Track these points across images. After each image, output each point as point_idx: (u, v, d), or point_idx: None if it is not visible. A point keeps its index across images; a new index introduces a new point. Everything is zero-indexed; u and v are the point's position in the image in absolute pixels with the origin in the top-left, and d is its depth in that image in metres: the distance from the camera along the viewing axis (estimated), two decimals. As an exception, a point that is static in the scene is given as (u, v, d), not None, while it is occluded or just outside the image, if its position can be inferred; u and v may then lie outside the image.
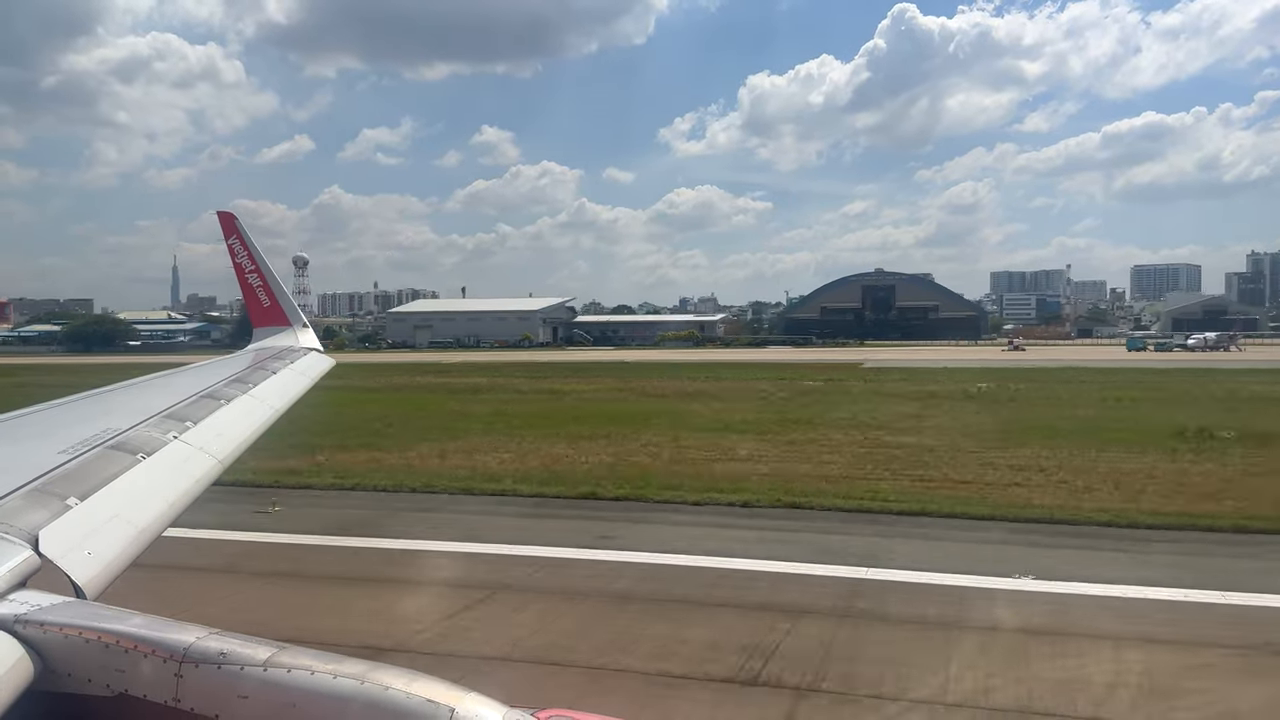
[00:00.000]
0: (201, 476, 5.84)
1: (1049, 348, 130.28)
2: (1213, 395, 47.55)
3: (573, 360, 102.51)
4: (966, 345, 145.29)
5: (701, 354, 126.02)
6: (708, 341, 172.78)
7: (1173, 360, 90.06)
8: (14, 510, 4.14)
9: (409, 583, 15.55)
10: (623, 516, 20.06)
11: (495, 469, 26.19)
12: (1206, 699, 10.45)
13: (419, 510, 21.35)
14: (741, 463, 26.88)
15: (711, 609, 13.70)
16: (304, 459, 26.27)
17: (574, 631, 12.88)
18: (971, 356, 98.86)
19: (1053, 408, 41.88)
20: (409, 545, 17.87)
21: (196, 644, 3.05)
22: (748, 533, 18.40)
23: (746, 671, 11.09)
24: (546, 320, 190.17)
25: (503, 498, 22.47)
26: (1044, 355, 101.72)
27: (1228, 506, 19.72)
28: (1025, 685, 10.56)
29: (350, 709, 2.85)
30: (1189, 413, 36.21)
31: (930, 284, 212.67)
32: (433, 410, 43.56)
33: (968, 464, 25.66)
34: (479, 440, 31.88)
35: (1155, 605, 13.53)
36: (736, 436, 32.37)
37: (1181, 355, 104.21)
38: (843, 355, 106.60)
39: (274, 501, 20.70)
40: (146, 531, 4.72)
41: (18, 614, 3.20)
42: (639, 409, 42.95)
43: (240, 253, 13.17)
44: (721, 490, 22.10)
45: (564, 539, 17.99)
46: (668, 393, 53.37)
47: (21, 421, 6.23)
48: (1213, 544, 17.19)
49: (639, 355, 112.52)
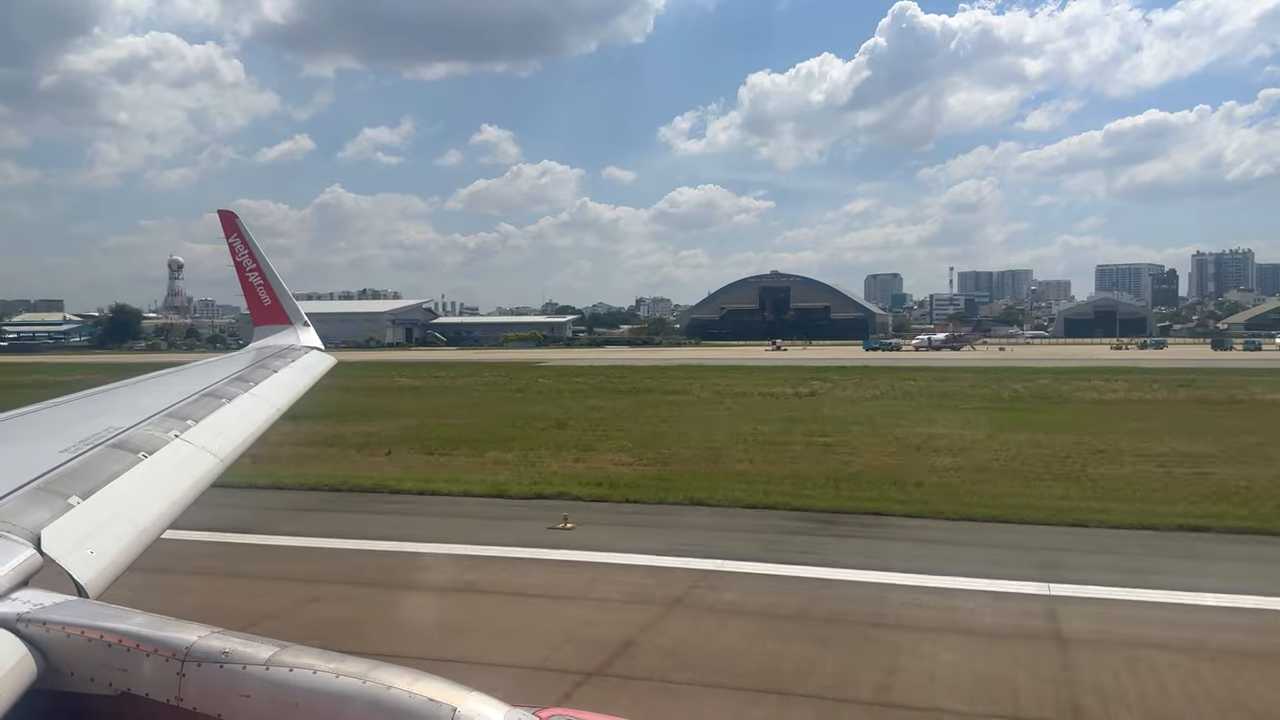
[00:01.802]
0: (203, 475, 5.85)
1: (830, 348, 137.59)
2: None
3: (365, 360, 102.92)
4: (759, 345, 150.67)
5: (518, 354, 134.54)
6: (550, 342, 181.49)
7: (881, 359, 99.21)
8: (16, 509, 4.14)
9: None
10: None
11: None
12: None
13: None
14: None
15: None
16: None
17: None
18: (732, 356, 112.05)
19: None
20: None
21: (199, 643, 3.06)
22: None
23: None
24: (399, 322, 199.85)
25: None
26: (801, 355, 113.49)
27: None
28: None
29: (352, 708, 2.85)
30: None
31: (823, 286, 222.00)
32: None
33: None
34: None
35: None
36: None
37: (904, 355, 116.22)
38: (602, 355, 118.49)
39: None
40: (148, 530, 4.72)
41: (20, 613, 3.21)
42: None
43: (241, 251, 13.17)
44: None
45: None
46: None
47: (23, 420, 6.23)
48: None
49: (459, 355, 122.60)
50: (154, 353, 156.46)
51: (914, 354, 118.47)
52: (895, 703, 10.04)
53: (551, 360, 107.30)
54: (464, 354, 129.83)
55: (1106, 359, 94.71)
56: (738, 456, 27.79)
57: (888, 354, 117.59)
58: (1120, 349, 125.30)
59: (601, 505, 20.86)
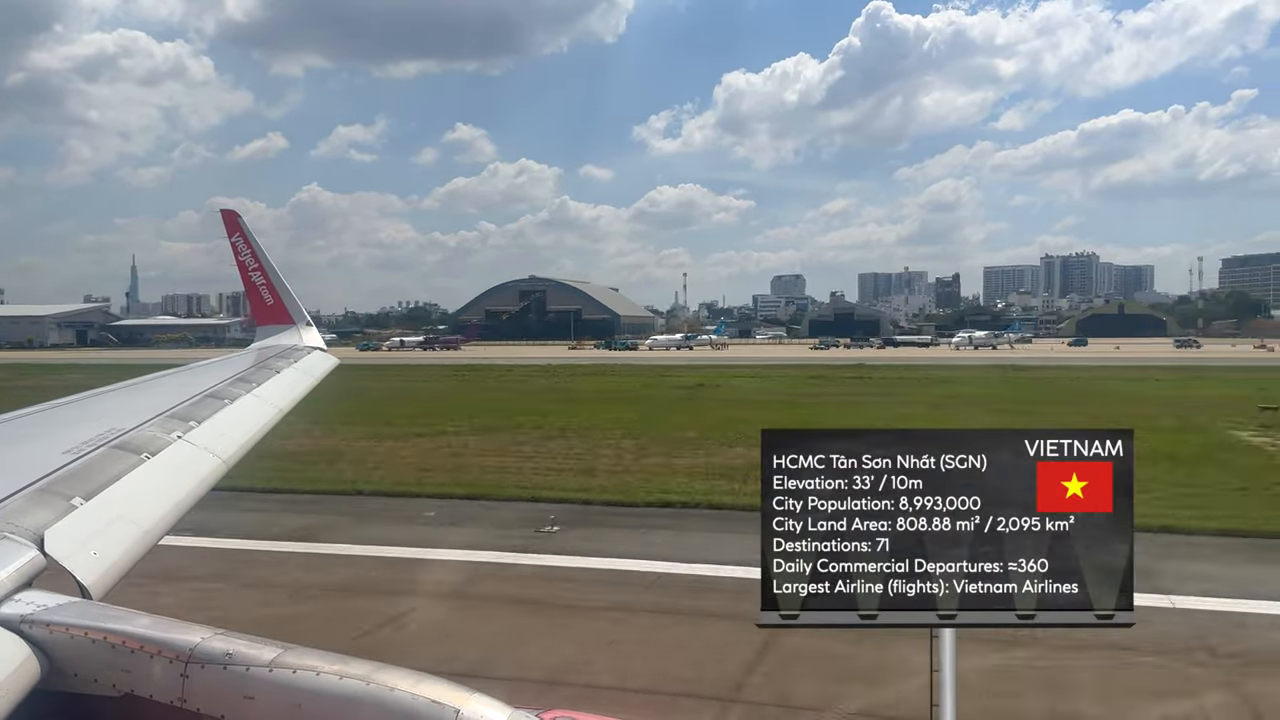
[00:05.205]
0: (206, 476, 5.84)
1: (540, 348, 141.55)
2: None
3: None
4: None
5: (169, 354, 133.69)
6: (204, 342, 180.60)
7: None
8: (19, 510, 4.14)
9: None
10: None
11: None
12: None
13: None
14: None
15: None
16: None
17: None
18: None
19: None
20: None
21: (202, 644, 3.06)
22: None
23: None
24: (68, 324, 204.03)
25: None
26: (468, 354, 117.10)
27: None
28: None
29: (356, 710, 2.85)
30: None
31: (576, 291, 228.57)
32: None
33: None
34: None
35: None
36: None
37: (627, 354, 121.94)
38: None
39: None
40: (151, 532, 4.72)
41: (24, 614, 3.21)
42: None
43: (243, 250, 13.14)
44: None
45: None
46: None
47: (25, 421, 6.23)
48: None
49: (90, 356, 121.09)
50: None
51: (649, 353, 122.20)
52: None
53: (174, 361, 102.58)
54: (99, 355, 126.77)
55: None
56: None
57: (607, 353, 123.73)
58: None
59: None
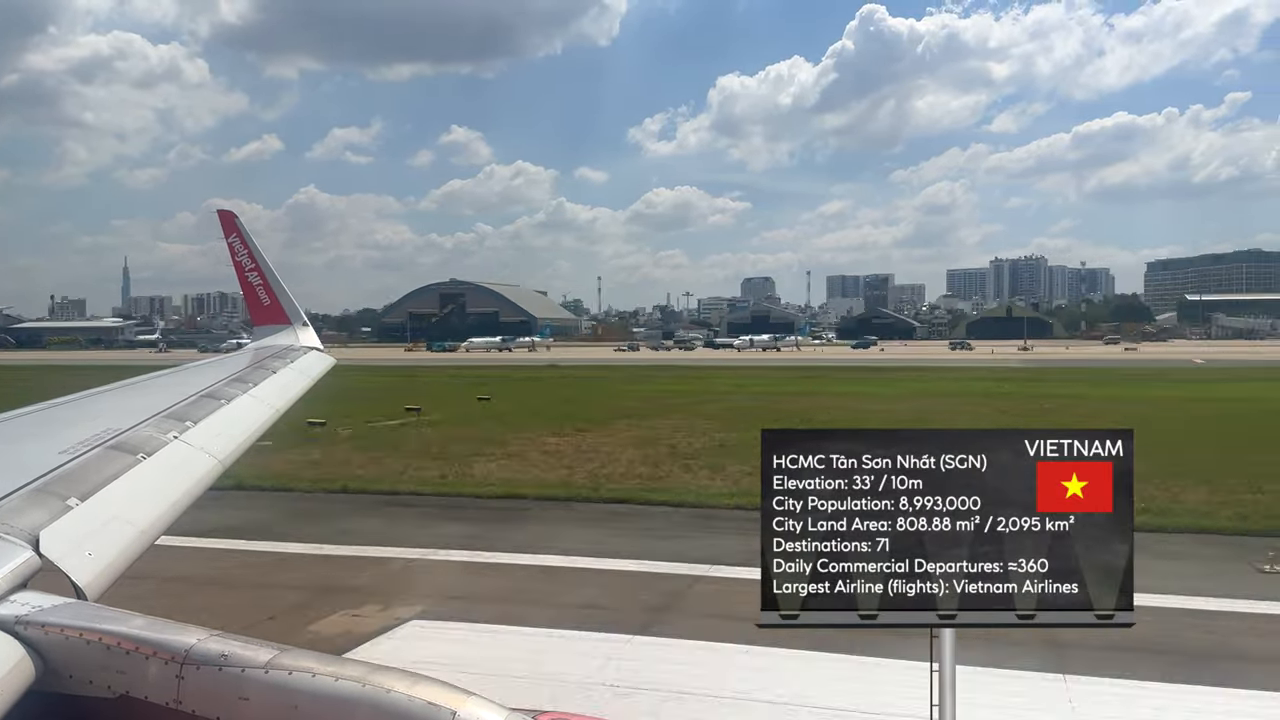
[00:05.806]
0: (202, 477, 5.83)
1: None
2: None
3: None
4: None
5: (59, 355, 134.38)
6: (95, 344, 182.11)
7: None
8: (14, 510, 4.13)
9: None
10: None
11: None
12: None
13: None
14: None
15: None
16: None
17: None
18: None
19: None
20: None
21: (198, 646, 3.05)
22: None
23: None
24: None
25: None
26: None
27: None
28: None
29: (352, 711, 2.85)
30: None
31: (494, 294, 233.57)
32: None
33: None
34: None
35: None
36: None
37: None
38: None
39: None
40: (147, 532, 4.71)
41: (19, 615, 3.20)
42: None
43: (240, 251, 13.14)
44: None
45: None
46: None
47: (22, 421, 6.21)
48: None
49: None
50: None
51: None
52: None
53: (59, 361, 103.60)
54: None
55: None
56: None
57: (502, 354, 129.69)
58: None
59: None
